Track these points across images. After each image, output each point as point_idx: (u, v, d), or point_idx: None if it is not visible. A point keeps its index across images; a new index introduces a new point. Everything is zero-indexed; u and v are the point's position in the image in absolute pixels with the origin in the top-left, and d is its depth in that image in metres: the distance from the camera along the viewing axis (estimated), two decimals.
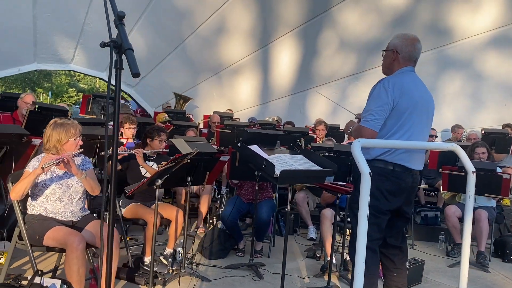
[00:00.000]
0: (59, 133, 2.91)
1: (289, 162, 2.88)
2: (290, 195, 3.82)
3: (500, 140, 6.28)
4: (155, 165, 4.02)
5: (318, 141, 6.56)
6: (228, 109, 9.44)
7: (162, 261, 3.78)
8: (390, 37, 2.92)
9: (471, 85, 8.65)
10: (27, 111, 4.45)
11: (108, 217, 1.43)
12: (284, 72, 9.76)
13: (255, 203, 4.12)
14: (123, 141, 4.77)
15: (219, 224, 4.69)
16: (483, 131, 6.51)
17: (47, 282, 2.65)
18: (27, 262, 3.56)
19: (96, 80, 28.08)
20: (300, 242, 5.11)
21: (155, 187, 3.20)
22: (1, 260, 3.46)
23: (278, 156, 2.97)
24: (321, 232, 4.38)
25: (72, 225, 2.99)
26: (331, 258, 3.82)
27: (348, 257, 3.92)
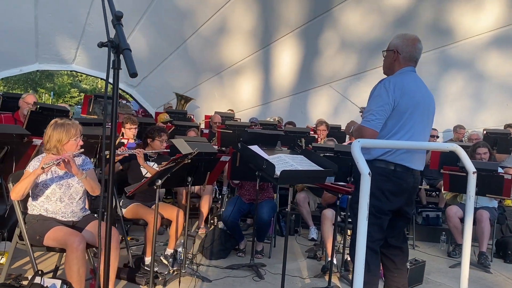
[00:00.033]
0: (60, 133, 2.91)
1: (290, 163, 2.87)
2: (290, 195, 3.82)
3: (502, 140, 6.26)
4: (156, 166, 4.03)
5: (319, 141, 6.56)
6: (229, 110, 9.44)
7: (163, 261, 3.78)
8: (391, 37, 2.91)
9: (473, 85, 8.63)
10: (28, 111, 4.46)
11: (106, 217, 1.43)
12: (286, 73, 9.76)
13: (256, 203, 4.12)
14: (124, 141, 4.77)
15: (220, 225, 4.69)
16: (484, 132, 6.49)
17: (48, 282, 2.65)
18: (28, 262, 3.55)
19: (98, 81, 28.12)
20: (301, 243, 5.10)
21: (155, 187, 3.20)
22: (1, 260, 3.47)
23: (278, 156, 2.97)
24: (322, 233, 4.37)
25: (72, 225, 2.99)
26: (331, 258, 3.82)
27: (349, 258, 3.92)
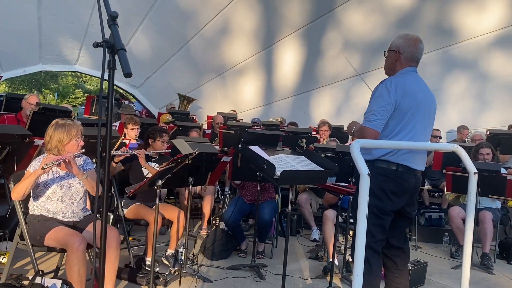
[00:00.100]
0: (61, 133, 2.92)
1: (290, 163, 2.87)
2: (290, 196, 3.81)
3: (506, 141, 6.21)
4: (157, 166, 4.03)
5: (322, 141, 6.54)
6: (232, 110, 9.45)
7: (164, 262, 3.78)
8: (394, 37, 2.90)
9: (476, 86, 8.59)
10: (30, 112, 4.47)
11: (101, 216, 1.43)
12: (288, 73, 9.75)
13: (257, 204, 4.11)
14: (125, 141, 4.78)
15: (221, 225, 4.69)
16: (488, 132, 6.46)
17: (48, 282, 2.66)
18: (30, 262, 3.56)
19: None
20: (303, 243, 5.09)
21: (156, 187, 3.21)
22: (3, 260, 3.48)
23: (279, 156, 2.96)
24: (323, 233, 4.36)
25: (73, 226, 2.99)
26: (333, 259, 3.81)
27: (350, 258, 3.90)
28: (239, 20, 9.00)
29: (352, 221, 3.81)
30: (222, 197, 5.84)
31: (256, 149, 2.94)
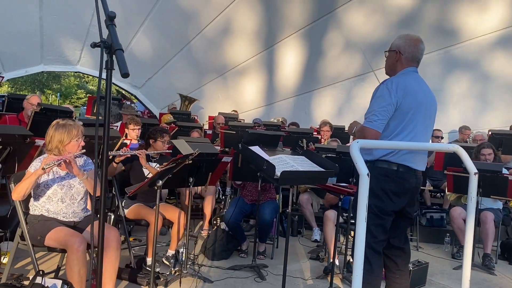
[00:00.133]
0: (61, 134, 2.93)
1: (290, 163, 2.86)
2: (290, 196, 3.80)
3: (508, 141, 6.19)
4: (158, 166, 4.03)
5: (323, 142, 6.54)
6: (233, 110, 9.45)
7: (164, 262, 3.79)
8: (395, 37, 2.90)
9: (478, 86, 8.57)
10: (32, 112, 4.47)
11: (99, 217, 1.43)
12: (289, 73, 9.75)
13: (258, 204, 4.11)
14: (126, 142, 4.79)
15: (222, 225, 4.69)
16: (490, 132, 6.44)
17: (48, 282, 2.66)
18: (31, 262, 3.57)
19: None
20: (304, 244, 5.09)
21: (156, 188, 3.21)
22: (4, 260, 3.49)
23: (279, 157, 2.96)
24: (324, 234, 4.36)
25: (73, 226, 3.00)
26: (333, 259, 3.80)
27: (351, 259, 3.89)
28: (240, 20, 9.00)
29: (353, 221, 3.80)
30: (223, 197, 5.84)
31: (256, 149, 2.94)
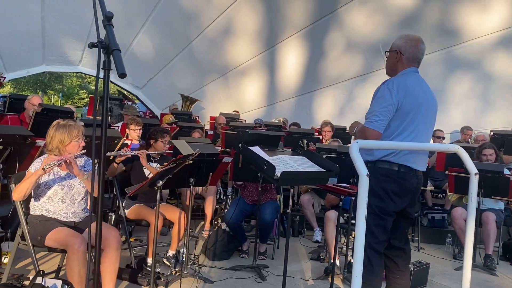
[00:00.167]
0: (62, 134, 2.93)
1: (290, 164, 2.85)
2: (291, 196, 3.79)
3: (510, 142, 6.17)
4: (159, 167, 4.03)
5: (324, 142, 6.53)
6: (234, 111, 9.45)
7: (165, 262, 3.78)
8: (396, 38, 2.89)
9: (480, 86, 8.55)
10: (33, 113, 4.48)
11: (97, 217, 1.43)
12: (291, 74, 9.75)
13: (258, 204, 4.11)
14: (127, 142, 4.79)
15: (223, 226, 4.69)
16: (491, 133, 6.42)
17: (49, 283, 2.67)
18: (31, 262, 3.58)
19: None
20: (305, 244, 5.08)
21: (156, 188, 3.21)
22: (4, 260, 3.49)
23: (279, 157, 2.95)
24: (325, 234, 4.35)
25: (74, 226, 3.00)
26: (334, 260, 3.80)
27: (352, 259, 3.88)
28: (242, 20, 9.00)
29: (354, 222, 3.79)
30: (224, 197, 5.83)
31: (256, 149, 2.93)
